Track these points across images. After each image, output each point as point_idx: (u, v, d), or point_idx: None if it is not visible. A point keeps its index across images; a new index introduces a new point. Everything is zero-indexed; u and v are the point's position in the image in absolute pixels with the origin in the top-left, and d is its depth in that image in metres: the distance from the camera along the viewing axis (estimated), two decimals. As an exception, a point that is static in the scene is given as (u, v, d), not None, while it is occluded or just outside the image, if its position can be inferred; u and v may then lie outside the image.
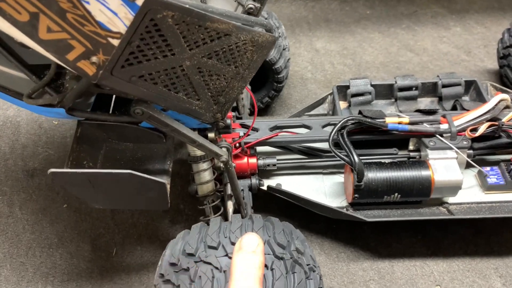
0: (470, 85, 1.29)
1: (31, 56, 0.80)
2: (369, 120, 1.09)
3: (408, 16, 1.97)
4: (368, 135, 1.12)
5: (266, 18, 1.29)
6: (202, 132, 0.95)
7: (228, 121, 1.02)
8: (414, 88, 1.28)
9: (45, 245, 1.27)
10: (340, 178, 1.20)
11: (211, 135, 0.96)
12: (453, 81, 1.27)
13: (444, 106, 1.28)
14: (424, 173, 1.07)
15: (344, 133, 1.07)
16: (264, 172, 1.19)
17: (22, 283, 1.20)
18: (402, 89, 1.28)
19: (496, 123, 1.10)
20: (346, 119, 1.07)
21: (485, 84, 1.34)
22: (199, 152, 0.99)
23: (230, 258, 0.78)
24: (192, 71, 0.77)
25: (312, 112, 1.33)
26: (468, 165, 1.14)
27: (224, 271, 0.77)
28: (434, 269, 1.21)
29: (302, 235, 0.94)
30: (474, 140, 1.14)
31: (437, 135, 1.10)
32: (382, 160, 1.13)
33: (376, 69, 1.74)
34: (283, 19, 1.97)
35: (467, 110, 1.14)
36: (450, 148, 1.09)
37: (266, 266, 0.78)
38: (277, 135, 1.14)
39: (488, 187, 1.14)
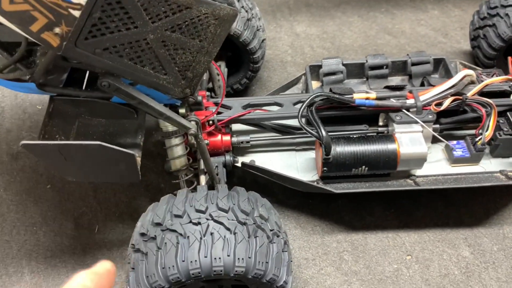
0: (439, 63, 1.33)
1: (2, 34, 0.83)
2: (337, 96, 1.12)
3: (387, 0, 2.00)
4: (337, 111, 1.16)
5: (238, 0, 1.32)
6: (174, 109, 0.99)
7: (199, 97, 1.06)
8: (384, 67, 1.32)
9: (29, 224, 1.31)
10: (312, 154, 1.24)
11: (181, 110, 0.99)
12: (422, 59, 1.31)
13: (414, 84, 1.31)
14: (390, 146, 1.11)
15: (313, 109, 1.11)
16: (239, 150, 1.23)
17: (7, 259, 1.23)
18: (373, 67, 1.32)
19: (460, 97, 1.14)
20: (314, 95, 1.11)
21: (454, 63, 1.37)
22: (171, 128, 1.03)
23: (194, 224, 0.82)
24: (156, 45, 0.80)
25: (286, 92, 1.37)
26: (437, 140, 1.19)
27: (188, 237, 0.81)
28: (405, 240, 1.25)
29: (269, 203, 0.99)
30: (441, 115, 1.18)
31: (403, 110, 1.14)
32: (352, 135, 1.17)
33: (355, 52, 1.78)
34: (264, 4, 2.00)
35: (434, 86, 1.18)
36: (416, 122, 1.13)
37: (229, 230, 0.82)
38: (249, 112, 1.17)
39: (454, 160, 1.18)
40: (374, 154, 1.11)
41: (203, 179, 1.08)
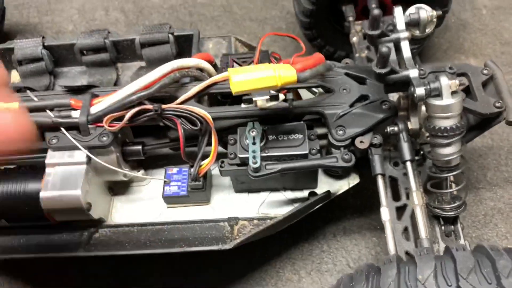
0: (188, 41, 0.89)
1: None
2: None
3: None
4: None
5: None
6: None
7: None
8: (104, 50, 0.88)
9: None
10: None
11: None
12: (156, 37, 0.86)
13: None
14: (32, 186, 0.71)
15: None
16: None
17: None
18: (87, 50, 0.88)
19: (150, 107, 0.71)
20: None
21: (227, 39, 0.93)
22: None
23: None
24: None
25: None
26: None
27: None
28: None
29: None
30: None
31: (63, 128, 0.73)
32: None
33: (162, 15, 1.32)
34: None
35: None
36: (77, 148, 0.72)
37: None
38: None
39: (165, 199, 0.78)
40: (10, 198, 0.71)
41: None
